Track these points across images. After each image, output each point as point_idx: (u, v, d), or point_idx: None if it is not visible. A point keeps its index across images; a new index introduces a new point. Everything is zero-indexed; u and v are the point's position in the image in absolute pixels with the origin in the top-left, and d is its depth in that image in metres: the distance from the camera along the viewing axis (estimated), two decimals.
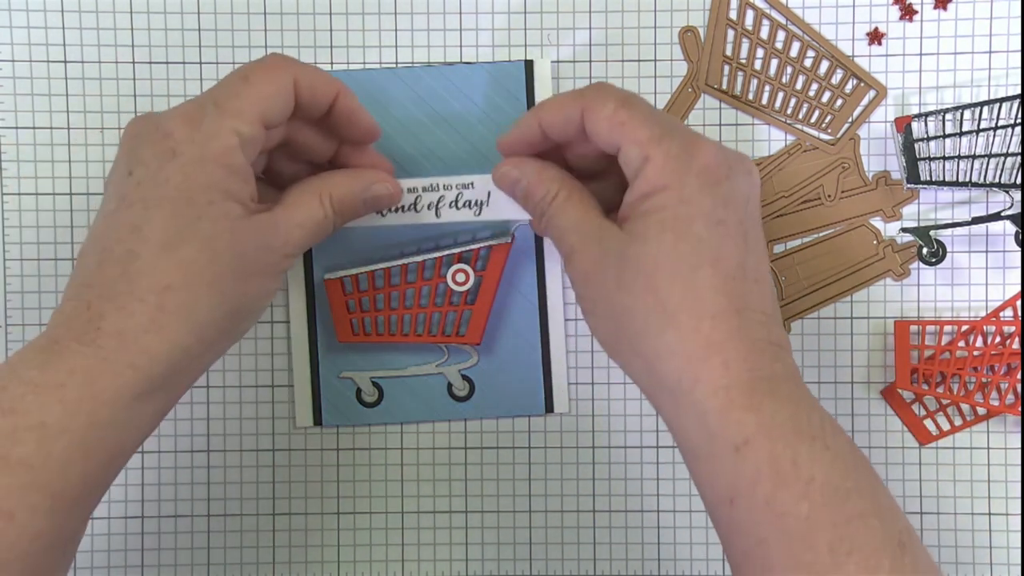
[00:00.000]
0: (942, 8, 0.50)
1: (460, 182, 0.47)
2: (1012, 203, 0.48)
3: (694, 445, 0.39)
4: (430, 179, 0.47)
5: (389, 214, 0.47)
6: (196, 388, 0.51)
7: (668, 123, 0.40)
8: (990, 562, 0.51)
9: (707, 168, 0.39)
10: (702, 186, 0.39)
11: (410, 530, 0.51)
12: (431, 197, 0.47)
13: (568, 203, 0.42)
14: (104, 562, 0.51)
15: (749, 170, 0.40)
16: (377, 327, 0.50)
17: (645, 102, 0.41)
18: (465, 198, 0.47)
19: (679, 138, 0.39)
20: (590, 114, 0.41)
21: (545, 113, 0.42)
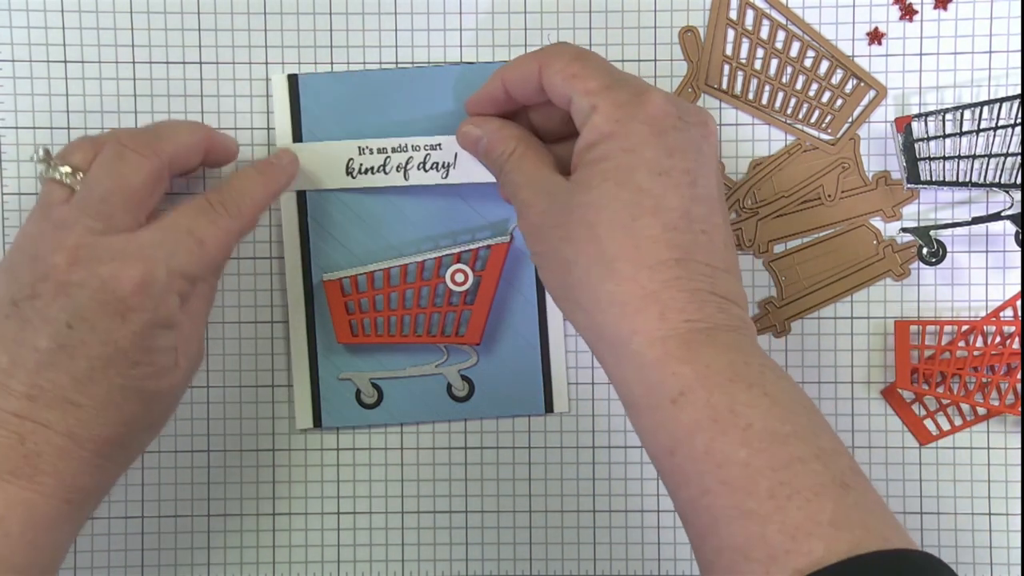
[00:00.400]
0: (942, 8, 0.50)
1: (428, 143, 0.48)
2: (1012, 203, 0.48)
3: (635, 397, 0.39)
4: (399, 139, 0.48)
5: (359, 176, 0.48)
6: (196, 388, 0.51)
7: (620, 74, 0.40)
8: (990, 562, 0.51)
9: (654, 117, 0.39)
10: (647, 135, 0.39)
11: (410, 530, 0.51)
12: (400, 158, 0.48)
13: (523, 159, 0.43)
14: (104, 562, 0.51)
15: (703, 121, 0.40)
16: (376, 328, 0.50)
17: (600, 57, 0.41)
18: (433, 159, 0.48)
19: (628, 87, 0.39)
20: (546, 68, 0.41)
21: (507, 71, 0.43)
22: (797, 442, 0.36)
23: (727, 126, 0.50)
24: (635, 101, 0.39)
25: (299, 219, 0.50)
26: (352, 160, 0.48)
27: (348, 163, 0.48)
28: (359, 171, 0.48)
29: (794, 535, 0.34)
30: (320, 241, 0.50)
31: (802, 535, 0.34)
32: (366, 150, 0.48)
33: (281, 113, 0.49)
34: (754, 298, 0.51)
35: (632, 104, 0.39)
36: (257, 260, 0.50)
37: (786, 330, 0.51)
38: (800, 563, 0.34)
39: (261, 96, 0.50)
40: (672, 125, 0.39)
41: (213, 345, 0.51)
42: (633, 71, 0.50)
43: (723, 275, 0.39)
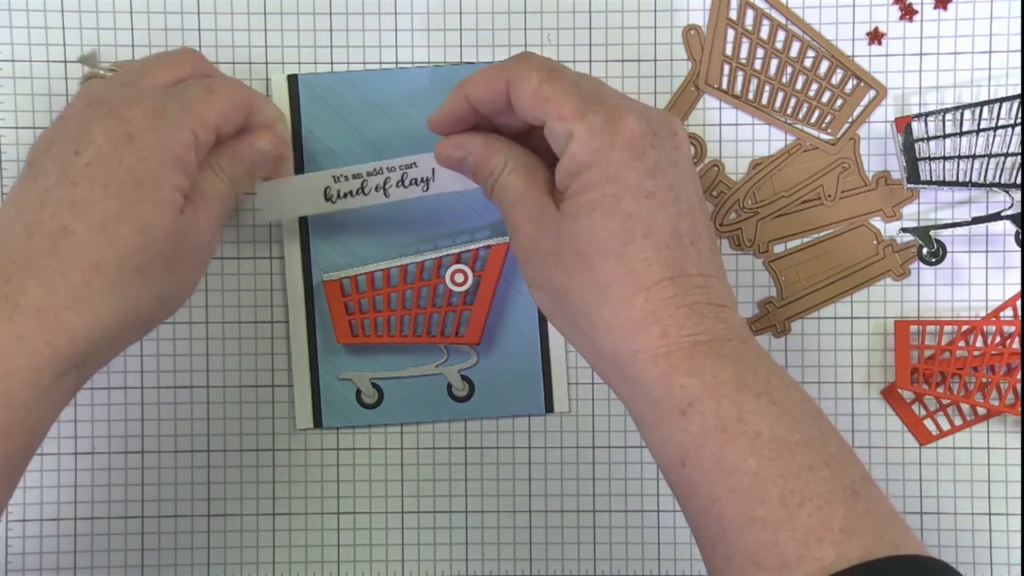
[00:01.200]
0: (942, 8, 0.50)
1: (402, 163, 0.46)
2: (1012, 203, 0.48)
3: (643, 413, 0.39)
4: (373, 164, 0.47)
5: (339, 200, 0.47)
6: (196, 388, 0.51)
7: (592, 94, 0.40)
8: (990, 562, 0.51)
9: (630, 140, 0.39)
10: (627, 160, 0.39)
11: (410, 530, 0.51)
12: (377, 180, 0.47)
13: (513, 175, 0.42)
14: (104, 562, 0.51)
15: (674, 131, 0.40)
16: (376, 328, 0.50)
17: (569, 72, 0.40)
18: (410, 177, 0.47)
19: (602, 111, 0.39)
20: (515, 88, 0.40)
21: (471, 88, 0.42)
22: (806, 450, 0.36)
23: (727, 126, 0.50)
24: (610, 128, 0.39)
25: (299, 219, 0.50)
26: (329, 188, 0.47)
27: (326, 191, 0.48)
28: (338, 196, 0.47)
29: (805, 542, 0.34)
30: (320, 241, 0.50)
31: (813, 541, 0.34)
32: (341, 178, 0.47)
33: None
34: (754, 298, 0.51)
35: (608, 131, 0.39)
36: (257, 260, 0.50)
37: (786, 330, 0.51)
38: (811, 569, 0.34)
39: None
40: (649, 144, 0.39)
41: (213, 345, 0.51)
42: (633, 71, 0.50)
43: (715, 282, 0.39)
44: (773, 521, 0.35)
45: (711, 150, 0.50)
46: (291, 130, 0.49)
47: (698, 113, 0.50)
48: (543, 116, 0.40)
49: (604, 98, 0.40)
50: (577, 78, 0.40)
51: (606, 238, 0.39)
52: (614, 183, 0.39)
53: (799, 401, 0.38)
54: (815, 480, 0.35)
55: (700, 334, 0.38)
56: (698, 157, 0.50)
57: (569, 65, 0.49)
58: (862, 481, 0.37)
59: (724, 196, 0.50)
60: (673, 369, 0.38)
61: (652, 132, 0.39)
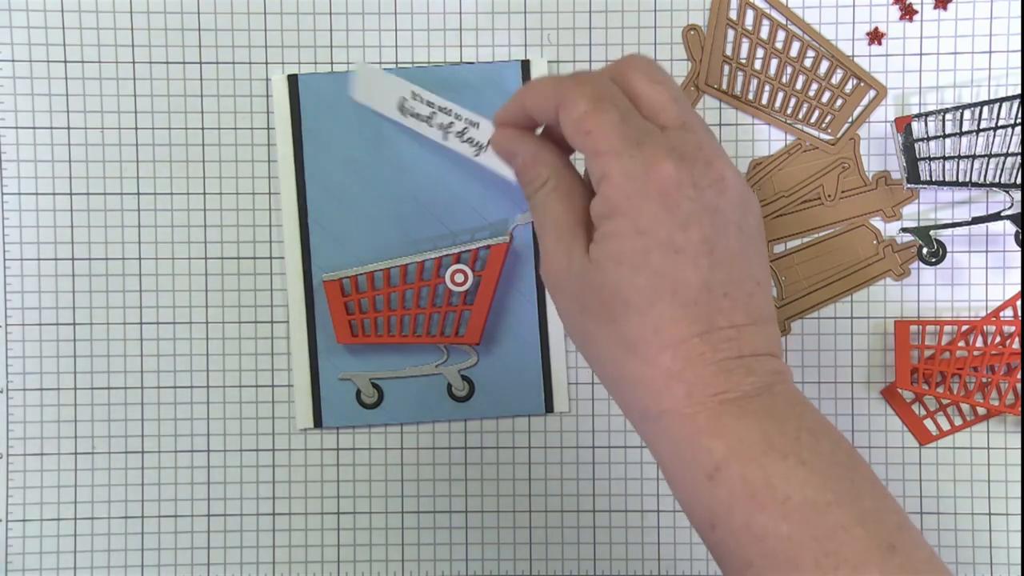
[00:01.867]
0: (942, 8, 0.50)
1: (470, 117, 0.46)
2: (1012, 203, 0.48)
3: (671, 471, 0.38)
4: (446, 101, 0.47)
5: (408, 118, 0.47)
6: (196, 388, 0.51)
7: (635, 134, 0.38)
8: (990, 562, 0.51)
9: (665, 191, 0.37)
10: (659, 212, 0.37)
11: (410, 530, 0.51)
12: (443, 118, 0.47)
13: (553, 195, 0.41)
14: (104, 562, 0.51)
15: (720, 176, 0.38)
16: (376, 328, 0.50)
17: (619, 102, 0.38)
18: (469, 134, 0.47)
19: (640, 155, 0.37)
20: (562, 113, 0.39)
21: (527, 98, 0.41)
22: (839, 509, 0.35)
23: (727, 126, 0.50)
24: (644, 175, 0.37)
25: (299, 219, 0.50)
26: (405, 101, 0.48)
27: (402, 101, 0.48)
28: (411, 113, 0.48)
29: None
30: (320, 241, 0.50)
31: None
32: (417, 97, 0.47)
33: (281, 113, 0.49)
34: None
35: (642, 177, 0.37)
36: (257, 260, 0.51)
37: (786, 330, 0.51)
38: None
39: (261, 96, 0.50)
40: (686, 196, 0.37)
41: (213, 345, 0.51)
42: None
43: (750, 330, 0.38)
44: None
45: None
46: (291, 132, 0.49)
47: (698, 113, 0.50)
48: (582, 149, 0.38)
49: (647, 139, 0.38)
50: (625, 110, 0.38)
51: (632, 294, 0.37)
52: (643, 236, 0.37)
53: (831, 453, 0.37)
54: (849, 540, 0.35)
55: (728, 392, 0.37)
56: None
57: (570, 66, 0.49)
58: (899, 532, 0.36)
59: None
60: (698, 431, 0.37)
61: (691, 181, 0.37)
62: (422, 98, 0.47)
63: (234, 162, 0.50)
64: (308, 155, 0.50)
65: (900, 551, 0.35)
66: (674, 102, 0.39)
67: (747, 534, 0.36)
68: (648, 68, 0.39)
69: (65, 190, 0.50)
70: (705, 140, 0.38)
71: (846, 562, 0.35)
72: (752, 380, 0.37)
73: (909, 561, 0.35)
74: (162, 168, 0.50)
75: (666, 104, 0.38)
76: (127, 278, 0.50)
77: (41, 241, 0.50)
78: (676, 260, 0.37)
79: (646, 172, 0.37)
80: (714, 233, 0.37)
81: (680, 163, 0.37)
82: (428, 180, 0.50)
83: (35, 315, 0.50)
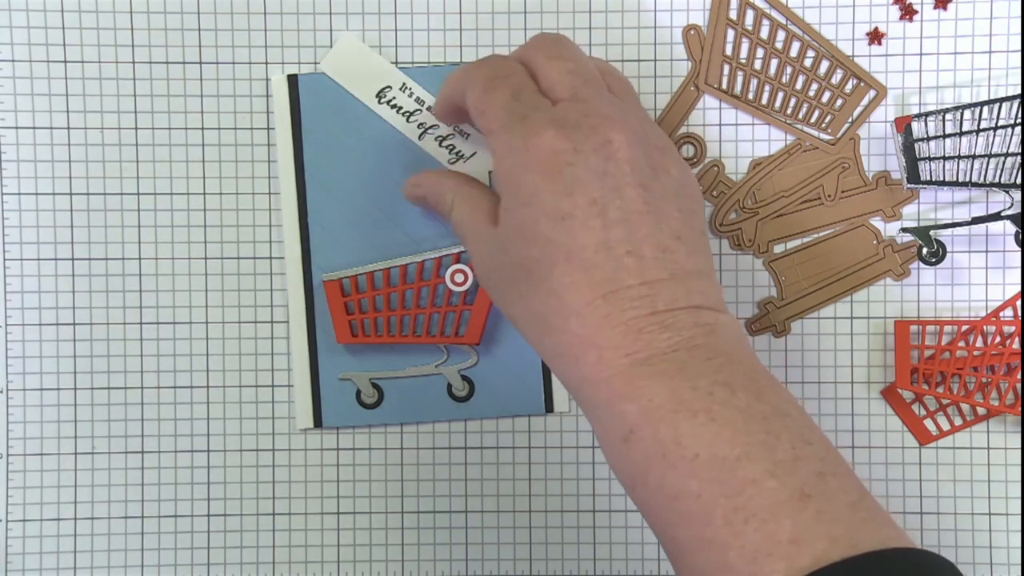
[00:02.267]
0: (942, 8, 0.50)
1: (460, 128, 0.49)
2: (1012, 203, 0.48)
3: (598, 436, 0.39)
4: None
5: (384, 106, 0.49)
6: (196, 388, 0.51)
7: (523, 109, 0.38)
8: (990, 562, 0.51)
9: (543, 159, 0.37)
10: (540, 183, 0.37)
11: (410, 530, 0.51)
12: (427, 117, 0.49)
13: (461, 208, 0.42)
14: (104, 562, 0.51)
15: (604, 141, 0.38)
16: (376, 328, 0.50)
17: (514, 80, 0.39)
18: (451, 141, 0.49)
19: (521, 128, 0.38)
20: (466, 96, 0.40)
21: (446, 88, 0.43)
22: (748, 463, 0.35)
23: (727, 126, 0.50)
24: (523, 145, 0.38)
25: (299, 219, 0.50)
26: (387, 89, 0.48)
27: (384, 89, 0.48)
28: (388, 103, 0.48)
29: (754, 558, 0.34)
30: (320, 241, 0.50)
31: (762, 557, 0.34)
32: (407, 89, 0.48)
33: (281, 113, 0.49)
34: (754, 298, 0.51)
35: (521, 149, 0.38)
36: (257, 260, 0.50)
37: (786, 330, 0.51)
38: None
39: (261, 96, 0.50)
40: (566, 162, 0.37)
41: (213, 345, 0.51)
42: (633, 71, 0.50)
43: (666, 284, 0.38)
44: (721, 541, 0.35)
45: (711, 150, 0.50)
46: (290, 132, 0.49)
47: (698, 113, 0.50)
48: (480, 130, 0.39)
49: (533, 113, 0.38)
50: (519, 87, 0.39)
51: (532, 265, 0.38)
52: (529, 207, 0.38)
53: (745, 406, 0.37)
54: (759, 494, 0.35)
55: (638, 352, 0.37)
56: (698, 157, 0.50)
57: None
58: (817, 479, 0.36)
59: (724, 196, 0.50)
60: (613, 395, 0.37)
61: (571, 147, 0.37)
62: (412, 92, 0.48)
63: (234, 162, 0.50)
64: (308, 155, 0.50)
65: (816, 498, 0.35)
66: (568, 75, 0.39)
67: (662, 494, 0.36)
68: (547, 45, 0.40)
69: (65, 190, 0.50)
70: (595, 108, 0.39)
71: (755, 515, 0.35)
72: (667, 336, 0.37)
73: (827, 507, 0.35)
74: (162, 168, 0.50)
75: (560, 78, 0.39)
76: (127, 278, 0.50)
77: (41, 241, 0.50)
78: (564, 225, 0.37)
79: (525, 144, 0.38)
80: (604, 193, 0.38)
81: (559, 131, 0.38)
82: None
83: (35, 315, 0.50)
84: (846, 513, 0.35)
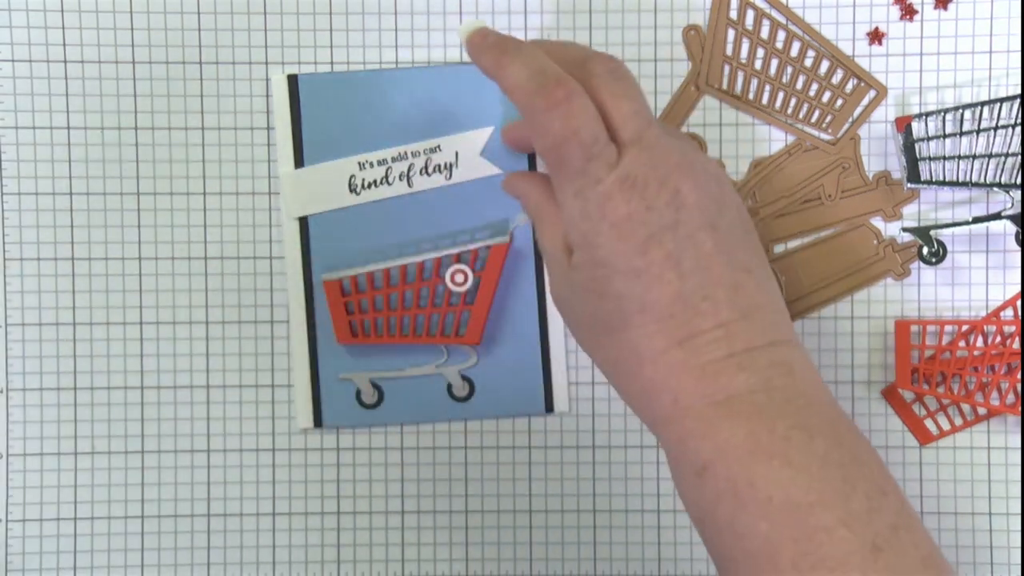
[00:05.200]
0: (942, 8, 0.50)
1: (427, 146, 0.48)
2: (1012, 203, 0.48)
3: (672, 470, 0.39)
4: (398, 148, 0.48)
5: (363, 191, 0.49)
6: (196, 388, 0.51)
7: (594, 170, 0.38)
8: (990, 562, 0.51)
9: (617, 224, 0.37)
10: (614, 244, 0.38)
11: (410, 530, 0.51)
12: (401, 166, 0.49)
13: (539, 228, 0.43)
14: (104, 562, 0.51)
15: (674, 192, 0.38)
16: (376, 328, 0.50)
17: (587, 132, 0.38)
18: (434, 162, 0.48)
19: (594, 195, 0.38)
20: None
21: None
22: (822, 511, 0.35)
23: (727, 126, 0.50)
24: (598, 213, 0.38)
25: (299, 219, 0.50)
26: (354, 176, 0.49)
27: (350, 179, 0.49)
28: (362, 186, 0.49)
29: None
30: (320, 241, 0.50)
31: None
32: (367, 164, 0.49)
33: (281, 113, 0.49)
34: None
35: (595, 214, 0.38)
36: (257, 260, 0.50)
37: None
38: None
39: (261, 96, 0.50)
40: (640, 222, 0.37)
41: (213, 345, 0.51)
42: (633, 71, 0.50)
43: (740, 326, 0.38)
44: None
45: (711, 150, 0.50)
46: (291, 132, 0.49)
47: (698, 113, 0.50)
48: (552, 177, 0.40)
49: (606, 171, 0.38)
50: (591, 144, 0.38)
51: (603, 317, 0.39)
52: (603, 267, 0.38)
53: (823, 452, 0.36)
54: (830, 541, 0.35)
55: (716, 394, 0.37)
56: None
57: None
58: (889, 531, 0.36)
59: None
60: (687, 433, 0.37)
61: (644, 207, 0.37)
62: (371, 162, 0.48)
63: (234, 162, 0.50)
64: (308, 155, 0.50)
65: (887, 552, 0.35)
66: (634, 117, 0.39)
67: (730, 532, 0.36)
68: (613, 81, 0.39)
69: (65, 190, 0.50)
70: (661, 156, 0.38)
71: (823, 563, 0.35)
72: (744, 377, 0.37)
73: (898, 562, 0.35)
74: (162, 168, 0.50)
75: (625, 122, 0.38)
76: (127, 278, 0.50)
77: (41, 241, 0.50)
78: (639, 282, 0.38)
79: (599, 211, 0.38)
80: (678, 246, 0.38)
81: (631, 192, 0.37)
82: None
83: (35, 315, 0.50)
84: (917, 568, 0.35)
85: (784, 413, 0.37)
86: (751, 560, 0.36)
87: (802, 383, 0.38)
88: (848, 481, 0.36)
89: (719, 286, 0.38)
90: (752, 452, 0.36)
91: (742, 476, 0.36)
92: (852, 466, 0.37)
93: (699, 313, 0.38)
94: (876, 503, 0.36)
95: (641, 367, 0.38)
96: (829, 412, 0.38)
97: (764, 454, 0.36)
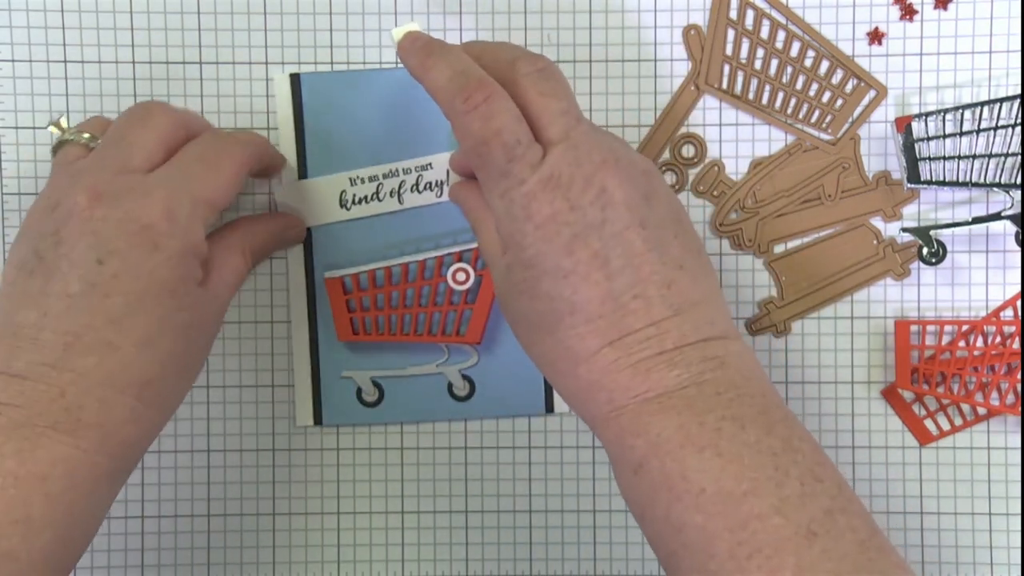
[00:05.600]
0: (942, 8, 0.50)
1: (418, 164, 0.48)
2: (1012, 203, 0.48)
3: (613, 469, 0.40)
4: (388, 165, 0.49)
5: (354, 207, 0.49)
6: (196, 388, 0.51)
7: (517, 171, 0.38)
8: (990, 562, 0.51)
9: (541, 226, 0.38)
10: (539, 245, 0.38)
11: (410, 530, 0.51)
12: (392, 183, 0.49)
13: (478, 234, 0.43)
14: (104, 562, 0.51)
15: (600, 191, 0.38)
16: (377, 326, 0.50)
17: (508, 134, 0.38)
18: (425, 180, 0.49)
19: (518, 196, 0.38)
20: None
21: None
22: (754, 499, 0.35)
23: (727, 126, 0.50)
24: (522, 214, 0.38)
25: None
26: (345, 192, 0.49)
27: (341, 195, 0.49)
28: (353, 202, 0.49)
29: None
30: (322, 239, 0.50)
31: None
32: (357, 180, 0.49)
33: (283, 113, 0.49)
34: (754, 298, 0.51)
35: (521, 215, 0.38)
36: None
37: (786, 330, 0.51)
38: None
39: (262, 96, 0.50)
40: (564, 222, 0.37)
41: (214, 344, 0.51)
42: (633, 71, 0.50)
43: (673, 323, 0.38)
44: (724, 574, 0.35)
45: (711, 150, 0.50)
46: (293, 131, 0.50)
47: (698, 113, 0.50)
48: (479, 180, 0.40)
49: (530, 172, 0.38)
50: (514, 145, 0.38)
51: (535, 319, 0.39)
52: (532, 268, 0.38)
53: (755, 441, 0.37)
54: (764, 529, 0.35)
55: (648, 391, 0.38)
56: (698, 157, 0.50)
57: (570, 65, 0.49)
58: (825, 516, 0.36)
59: (724, 196, 0.50)
60: (622, 431, 0.38)
61: (568, 207, 0.37)
62: (362, 178, 0.48)
63: None
64: (310, 154, 0.50)
65: (823, 537, 0.35)
66: (562, 116, 0.39)
67: (667, 525, 0.37)
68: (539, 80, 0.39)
69: None
70: (587, 154, 0.38)
71: (759, 551, 0.35)
72: (676, 373, 0.38)
73: (834, 546, 0.35)
74: None
75: (552, 120, 0.39)
76: None
77: None
78: (567, 283, 0.38)
79: (523, 212, 0.38)
80: (605, 246, 0.38)
81: (555, 192, 0.38)
82: None
83: None
84: (854, 551, 0.35)
85: (714, 405, 0.37)
86: (690, 553, 0.36)
87: (735, 375, 0.38)
88: (780, 468, 0.36)
89: (650, 284, 0.38)
90: (683, 445, 0.36)
91: (675, 470, 0.36)
92: (784, 453, 0.37)
93: (630, 312, 0.38)
94: (810, 488, 0.36)
95: (576, 367, 0.38)
96: (761, 402, 0.38)
97: (695, 446, 0.36)
